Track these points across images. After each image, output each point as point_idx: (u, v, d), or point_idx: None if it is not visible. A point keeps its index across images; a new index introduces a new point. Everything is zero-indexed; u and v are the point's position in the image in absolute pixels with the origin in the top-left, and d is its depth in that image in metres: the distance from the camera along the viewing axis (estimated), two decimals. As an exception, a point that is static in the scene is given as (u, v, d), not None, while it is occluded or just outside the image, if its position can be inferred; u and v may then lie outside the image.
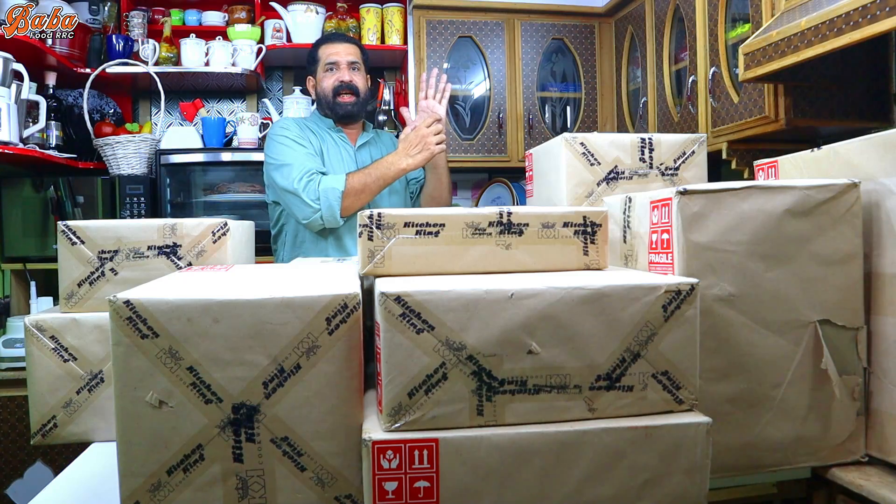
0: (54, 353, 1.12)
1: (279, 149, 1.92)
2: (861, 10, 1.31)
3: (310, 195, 1.82)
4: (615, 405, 0.85)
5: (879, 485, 1.00)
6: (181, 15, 2.95)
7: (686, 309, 0.86)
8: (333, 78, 2.00)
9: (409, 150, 1.85)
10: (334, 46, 2.04)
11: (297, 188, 1.83)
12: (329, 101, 2.01)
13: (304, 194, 1.82)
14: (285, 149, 1.90)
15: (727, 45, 2.05)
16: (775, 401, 1.04)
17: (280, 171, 1.88)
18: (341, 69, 2.00)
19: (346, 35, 2.46)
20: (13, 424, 2.27)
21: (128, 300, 0.78)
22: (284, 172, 1.87)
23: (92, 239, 1.14)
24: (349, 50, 2.04)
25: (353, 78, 2.00)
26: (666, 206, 1.01)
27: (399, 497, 0.79)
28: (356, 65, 2.03)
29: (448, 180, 2.07)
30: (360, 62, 2.05)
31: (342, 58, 2.01)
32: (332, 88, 1.99)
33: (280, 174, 1.88)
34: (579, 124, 2.91)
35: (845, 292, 1.05)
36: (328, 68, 2.01)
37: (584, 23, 2.89)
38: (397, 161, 1.84)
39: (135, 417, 0.79)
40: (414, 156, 1.84)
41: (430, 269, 0.95)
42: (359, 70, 2.03)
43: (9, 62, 2.11)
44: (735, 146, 2.02)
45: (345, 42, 2.08)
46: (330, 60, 2.01)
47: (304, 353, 0.81)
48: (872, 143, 1.07)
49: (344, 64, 2.01)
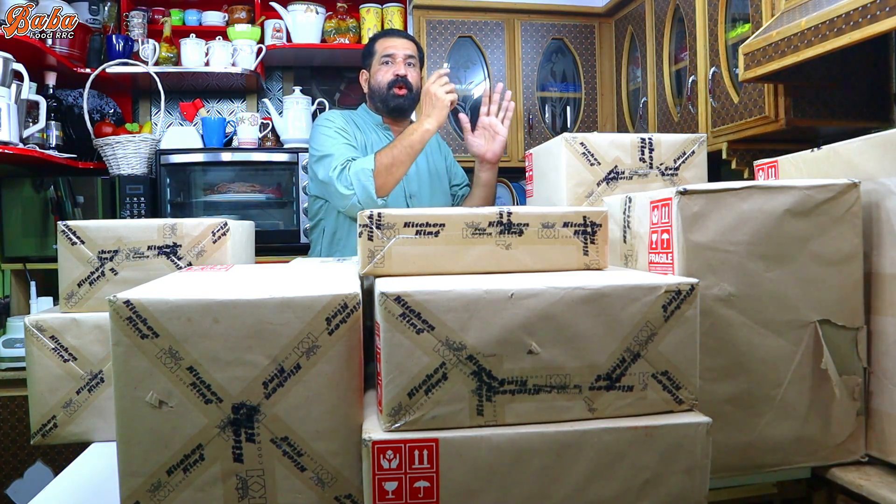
0: (54, 353, 1.12)
1: (321, 140, 1.91)
2: (861, 10, 1.31)
3: (344, 182, 1.80)
4: (615, 405, 0.85)
5: (879, 485, 1.00)
6: (181, 15, 2.95)
7: (686, 309, 0.86)
8: (389, 71, 1.97)
9: (424, 111, 1.83)
10: (392, 40, 2.01)
11: (331, 177, 1.81)
12: (382, 94, 1.98)
13: (338, 183, 1.80)
14: (327, 139, 1.89)
15: (727, 45, 2.05)
16: (775, 401, 1.04)
17: (321, 162, 1.87)
18: (397, 63, 1.97)
19: (404, 31, 2.42)
20: (13, 424, 2.27)
21: (128, 300, 0.78)
22: (325, 163, 1.85)
23: (92, 239, 1.14)
24: (406, 45, 2.01)
25: (409, 73, 1.98)
26: (666, 206, 1.01)
27: (399, 497, 0.79)
28: (412, 60, 2.00)
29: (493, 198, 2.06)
30: (416, 59, 2.03)
31: (399, 51, 1.98)
32: (388, 81, 1.97)
33: (321, 165, 1.87)
34: (579, 124, 2.91)
35: (845, 292, 1.05)
36: (384, 61, 1.98)
37: (584, 23, 2.89)
38: (418, 126, 1.81)
39: (135, 417, 0.79)
40: (430, 114, 1.81)
41: (430, 269, 0.95)
42: (414, 66, 2.01)
43: (9, 62, 2.11)
44: (735, 146, 2.02)
45: (402, 37, 2.05)
46: (387, 53, 1.98)
47: (304, 353, 0.81)
48: (872, 143, 1.07)
49: (401, 57, 1.98)
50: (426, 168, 2.04)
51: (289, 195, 2.67)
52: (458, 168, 2.20)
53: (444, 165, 2.11)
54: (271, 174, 2.69)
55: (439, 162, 2.10)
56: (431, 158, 2.07)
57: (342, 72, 3.16)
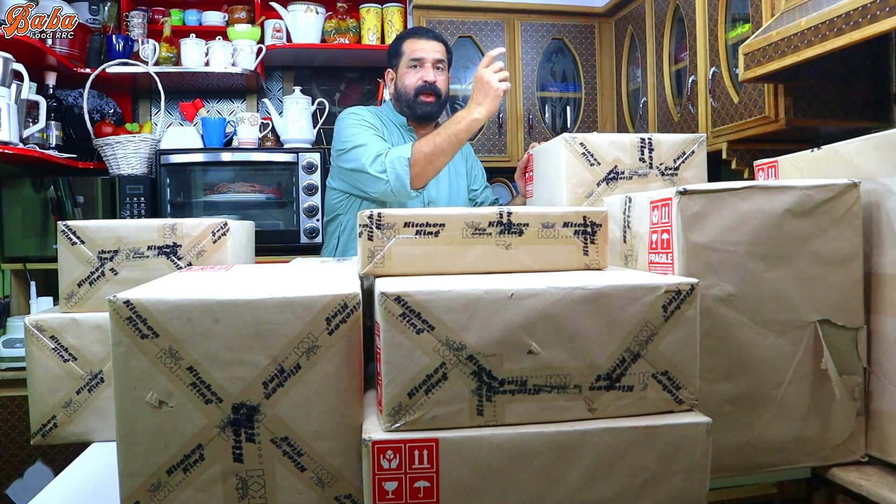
0: (54, 353, 1.12)
1: (350, 132, 1.83)
2: (861, 10, 1.31)
3: (377, 168, 1.71)
4: (615, 405, 0.85)
5: (879, 485, 1.00)
6: (181, 15, 2.95)
7: (686, 309, 0.86)
8: (417, 76, 1.89)
9: (475, 99, 1.70)
10: (421, 42, 1.92)
11: (364, 164, 1.74)
12: (409, 100, 1.91)
13: (371, 168, 1.72)
14: (357, 131, 1.82)
15: (727, 45, 2.05)
16: (775, 401, 1.03)
17: (351, 153, 1.80)
18: (426, 67, 1.89)
19: (433, 31, 2.31)
20: (13, 424, 2.27)
21: (128, 300, 0.78)
22: (356, 153, 1.78)
23: (92, 239, 1.14)
24: (436, 48, 1.92)
25: (438, 79, 1.90)
26: (666, 206, 1.01)
27: (399, 497, 0.79)
28: (441, 64, 1.92)
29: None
30: (446, 62, 1.95)
31: (429, 55, 1.89)
32: (415, 87, 1.89)
33: (350, 155, 1.80)
34: (579, 124, 2.91)
35: (845, 292, 1.05)
36: (412, 65, 1.90)
37: (584, 23, 2.89)
38: (466, 114, 1.69)
39: (135, 417, 0.79)
40: (481, 102, 1.68)
41: (430, 269, 0.95)
42: (443, 70, 1.93)
43: (9, 62, 2.11)
44: (735, 146, 2.02)
45: (432, 39, 1.95)
46: (416, 56, 1.90)
47: (304, 353, 0.81)
48: (872, 143, 1.07)
49: (430, 62, 1.90)
50: (447, 171, 1.96)
51: (289, 195, 2.67)
52: (479, 169, 2.10)
53: (464, 167, 2.05)
54: (271, 174, 2.69)
55: (461, 166, 2.04)
56: (454, 161, 1.97)
57: (342, 72, 3.16)
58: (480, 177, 2.11)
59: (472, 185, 2.08)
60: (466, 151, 2.10)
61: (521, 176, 1.87)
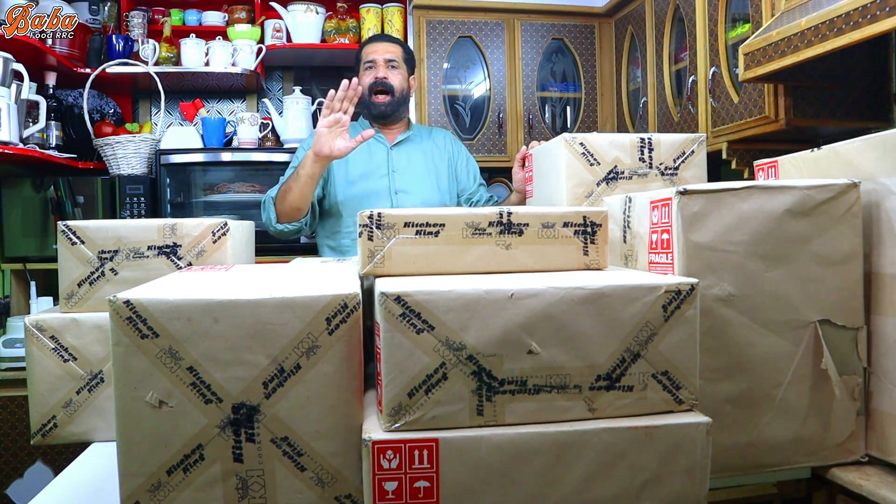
0: (54, 353, 1.12)
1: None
2: (861, 10, 1.31)
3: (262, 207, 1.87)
4: (615, 405, 0.85)
5: (879, 485, 1.00)
6: (181, 15, 2.95)
7: (686, 309, 0.86)
8: (371, 76, 1.98)
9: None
10: (373, 45, 2.03)
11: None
12: (365, 100, 1.99)
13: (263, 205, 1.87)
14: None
15: (727, 45, 2.05)
16: (775, 401, 1.03)
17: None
18: (378, 67, 1.98)
19: (389, 35, 2.43)
20: (13, 424, 2.27)
21: (128, 300, 0.78)
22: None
23: (92, 239, 1.14)
24: (388, 48, 2.01)
25: (389, 75, 1.97)
26: (666, 206, 1.01)
27: (399, 497, 0.79)
28: (394, 63, 2.00)
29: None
30: (399, 60, 2.01)
31: (380, 55, 1.99)
32: (368, 86, 1.98)
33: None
34: (579, 124, 2.91)
35: (845, 292, 1.05)
36: (367, 67, 2.00)
37: (584, 23, 2.89)
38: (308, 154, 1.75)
39: (135, 417, 0.79)
40: (313, 146, 1.72)
41: (430, 269, 0.95)
42: (396, 68, 2.00)
43: (9, 62, 2.11)
44: (735, 146, 2.02)
45: (385, 41, 2.06)
46: (368, 59, 2.00)
47: (304, 353, 0.81)
48: (872, 143, 1.07)
49: (381, 62, 1.98)
50: (422, 165, 2.02)
51: (289, 195, 2.67)
52: (469, 173, 2.11)
53: (446, 165, 2.07)
54: (271, 174, 2.68)
55: (440, 162, 2.07)
56: (429, 157, 2.05)
57: (342, 72, 3.15)
58: (473, 176, 2.12)
59: (464, 184, 2.09)
60: (455, 153, 2.11)
61: (518, 169, 1.89)
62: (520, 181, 1.87)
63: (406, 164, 2.01)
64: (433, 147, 2.07)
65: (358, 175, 1.97)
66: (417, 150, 2.04)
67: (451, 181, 2.07)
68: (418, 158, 2.02)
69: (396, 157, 2.01)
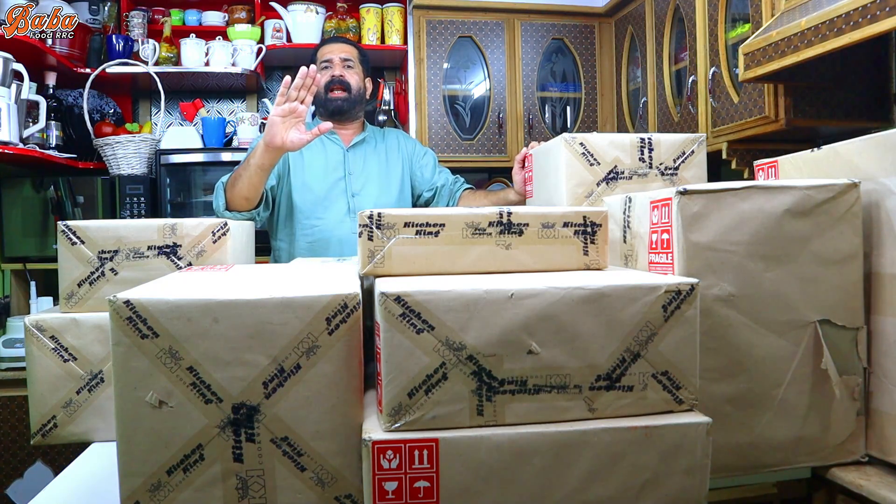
0: (54, 353, 1.12)
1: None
2: (861, 10, 1.31)
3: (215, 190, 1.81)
4: (615, 405, 0.85)
5: (879, 485, 1.00)
6: (181, 15, 2.95)
7: (686, 309, 0.86)
8: (327, 74, 1.99)
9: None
10: (328, 46, 2.06)
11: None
12: (321, 97, 2.00)
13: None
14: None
15: (727, 45, 2.05)
16: (775, 401, 1.03)
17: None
18: (334, 66, 2.00)
19: (342, 37, 2.46)
20: (13, 424, 2.27)
21: (128, 300, 0.78)
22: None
23: (92, 239, 1.14)
24: (343, 48, 2.04)
25: (345, 74, 2.00)
26: (666, 206, 1.01)
27: (399, 497, 0.79)
28: (349, 62, 2.02)
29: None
30: (355, 61, 2.04)
31: (335, 55, 2.01)
32: (325, 84, 1.99)
33: None
34: (579, 124, 2.91)
35: (845, 292, 1.05)
36: (323, 67, 2.01)
37: (584, 23, 2.89)
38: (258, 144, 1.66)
39: (135, 417, 0.79)
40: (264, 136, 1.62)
41: (430, 269, 0.95)
42: (352, 68, 2.02)
43: (9, 62, 2.11)
44: (735, 146, 2.02)
45: (339, 42, 2.10)
46: (324, 59, 2.02)
47: (304, 353, 0.81)
48: (872, 143, 1.07)
49: (336, 61, 2.00)
50: (376, 168, 2.02)
51: (289, 195, 2.67)
52: (429, 166, 2.09)
53: (400, 167, 2.07)
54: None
55: (395, 163, 2.06)
56: (384, 158, 2.05)
57: (342, 72, 3.16)
58: (433, 165, 2.10)
59: (427, 178, 2.08)
60: (410, 154, 2.10)
61: (518, 171, 1.88)
62: (520, 183, 1.86)
63: (362, 166, 2.01)
64: (387, 149, 2.07)
65: (314, 177, 1.96)
66: (373, 153, 2.04)
67: (406, 182, 2.07)
68: (374, 160, 2.03)
69: (352, 160, 2.01)
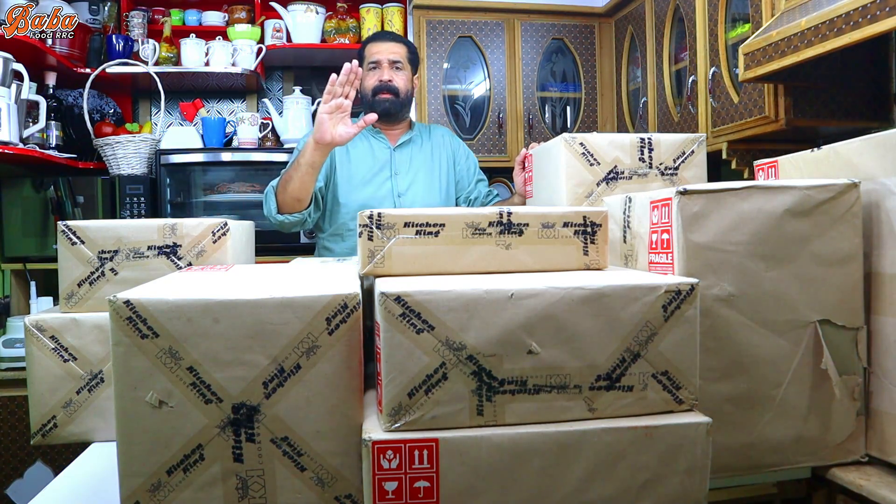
0: (54, 353, 1.12)
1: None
2: (861, 10, 1.31)
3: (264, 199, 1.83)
4: (615, 405, 0.85)
5: (879, 485, 1.00)
6: (181, 15, 2.95)
7: (686, 309, 0.86)
8: (375, 77, 1.95)
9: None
10: (377, 45, 2.00)
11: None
12: (368, 100, 1.96)
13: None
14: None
15: (727, 45, 2.05)
16: (775, 401, 1.03)
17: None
18: (382, 68, 1.96)
19: (393, 33, 2.36)
20: (13, 424, 2.27)
21: (128, 300, 0.78)
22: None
23: (92, 239, 1.14)
24: (392, 48, 1.98)
25: (394, 77, 1.95)
26: (666, 206, 1.01)
27: (399, 497, 0.79)
28: (399, 64, 1.98)
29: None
30: (404, 61, 2.00)
31: (384, 56, 1.96)
32: (372, 88, 1.95)
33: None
34: (579, 124, 2.91)
35: (845, 292, 1.05)
36: (371, 67, 1.97)
37: (584, 23, 2.89)
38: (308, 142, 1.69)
39: (135, 417, 0.79)
40: (314, 133, 1.67)
41: (430, 269, 0.95)
42: (402, 69, 1.98)
43: (9, 62, 2.11)
44: (735, 146, 2.02)
45: (389, 41, 2.02)
46: (372, 60, 1.97)
47: (304, 353, 0.81)
48: (872, 143, 1.07)
49: (385, 63, 1.96)
50: (422, 167, 2.01)
51: (289, 195, 2.67)
52: (469, 170, 2.11)
53: (446, 166, 2.07)
54: (271, 174, 2.67)
55: (441, 162, 2.07)
56: (430, 156, 2.04)
57: (342, 72, 3.16)
58: (473, 171, 2.11)
59: (464, 181, 2.09)
60: (455, 153, 2.10)
61: (518, 172, 1.88)
62: (520, 184, 1.86)
63: (408, 166, 2.00)
64: (433, 146, 2.07)
65: (360, 178, 1.96)
66: (419, 152, 2.03)
67: (451, 180, 2.07)
68: (420, 160, 2.02)
69: (399, 159, 2.00)
